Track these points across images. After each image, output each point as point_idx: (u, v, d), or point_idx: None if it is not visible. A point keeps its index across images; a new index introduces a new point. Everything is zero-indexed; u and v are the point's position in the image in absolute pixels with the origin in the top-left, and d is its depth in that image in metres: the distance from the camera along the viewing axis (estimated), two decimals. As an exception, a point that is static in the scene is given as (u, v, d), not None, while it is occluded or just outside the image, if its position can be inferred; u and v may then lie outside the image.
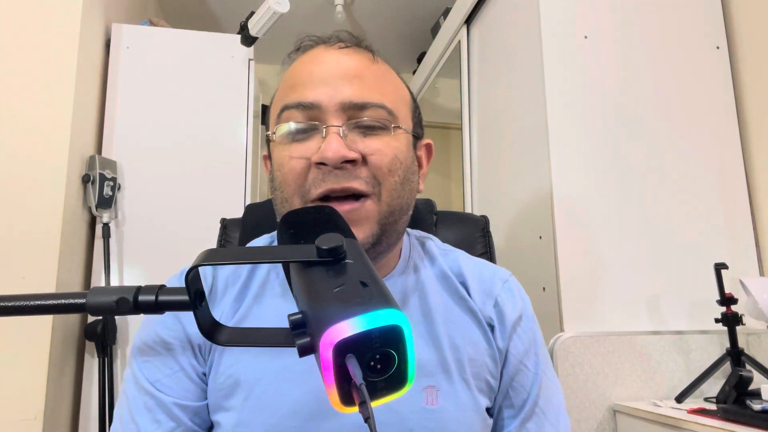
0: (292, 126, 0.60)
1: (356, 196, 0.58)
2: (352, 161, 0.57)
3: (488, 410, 0.64)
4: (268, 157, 0.67)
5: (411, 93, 0.69)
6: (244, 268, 0.65)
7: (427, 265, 0.69)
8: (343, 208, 0.56)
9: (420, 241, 0.73)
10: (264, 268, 0.66)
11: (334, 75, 0.60)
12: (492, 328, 0.65)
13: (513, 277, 0.71)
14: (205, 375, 0.61)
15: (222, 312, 0.62)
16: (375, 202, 0.59)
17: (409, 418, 0.57)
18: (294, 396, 0.57)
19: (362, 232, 0.58)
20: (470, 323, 0.65)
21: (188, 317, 0.61)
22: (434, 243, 0.73)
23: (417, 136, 0.67)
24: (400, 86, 0.66)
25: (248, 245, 0.75)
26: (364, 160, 0.58)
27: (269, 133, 0.64)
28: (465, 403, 0.60)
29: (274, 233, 0.73)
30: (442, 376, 0.60)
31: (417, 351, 0.59)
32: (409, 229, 0.74)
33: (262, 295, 0.63)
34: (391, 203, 0.60)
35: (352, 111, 0.59)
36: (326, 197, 0.58)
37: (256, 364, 0.59)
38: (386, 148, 0.59)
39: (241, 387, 0.58)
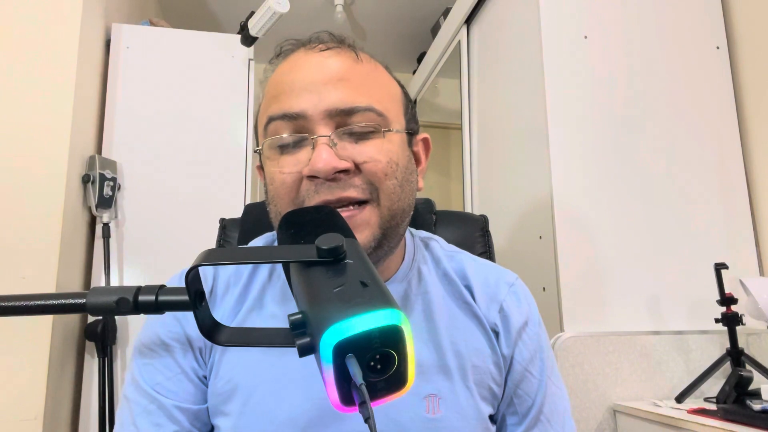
0: (279, 139, 0.57)
1: (354, 202, 0.56)
2: (344, 171, 0.55)
3: (491, 418, 0.62)
4: (261, 168, 0.65)
5: (402, 87, 0.66)
6: (245, 271, 0.64)
7: (431, 269, 0.67)
8: (342, 214, 0.54)
9: (424, 242, 0.71)
10: (265, 270, 0.64)
11: (317, 81, 0.57)
12: (497, 334, 0.63)
13: (519, 280, 0.69)
14: (205, 378, 0.60)
15: (220, 317, 0.61)
16: (375, 207, 0.57)
17: (410, 428, 0.56)
18: (292, 403, 0.56)
19: (364, 237, 0.56)
20: (474, 329, 0.63)
21: (189, 319, 0.60)
22: (439, 245, 0.71)
23: (412, 133, 0.64)
24: (389, 83, 0.63)
25: (248, 245, 0.74)
26: (358, 168, 0.56)
27: (257, 149, 0.62)
28: (467, 411, 0.59)
29: (275, 233, 0.72)
30: (445, 383, 0.59)
31: (419, 356, 0.57)
32: (413, 230, 0.72)
33: (261, 300, 0.62)
34: (392, 207, 0.58)
35: (340, 117, 0.56)
36: None
37: (256, 369, 0.58)
38: (379, 154, 0.57)
39: (239, 392, 0.57)
